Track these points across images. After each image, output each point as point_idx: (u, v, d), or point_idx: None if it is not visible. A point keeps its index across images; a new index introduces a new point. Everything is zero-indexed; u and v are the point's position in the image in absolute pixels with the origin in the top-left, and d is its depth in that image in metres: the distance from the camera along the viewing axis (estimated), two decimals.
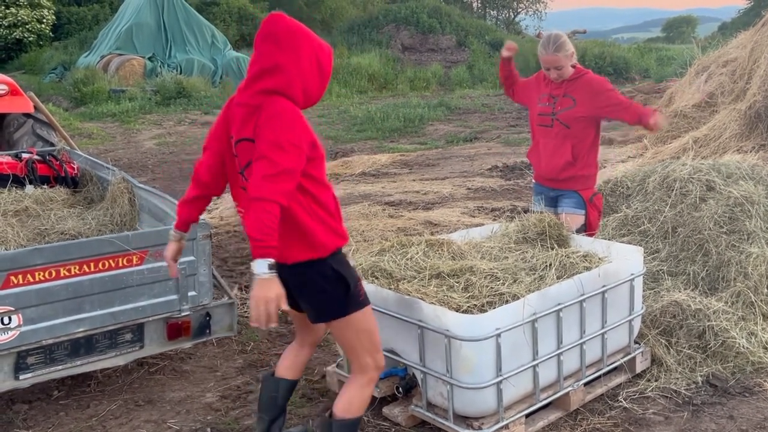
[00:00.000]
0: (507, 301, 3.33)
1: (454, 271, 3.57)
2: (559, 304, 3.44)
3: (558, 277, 3.60)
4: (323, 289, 2.82)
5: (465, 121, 15.77)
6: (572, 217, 4.41)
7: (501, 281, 3.50)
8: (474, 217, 7.64)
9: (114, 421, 3.75)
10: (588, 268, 3.68)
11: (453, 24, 28.36)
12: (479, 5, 42.75)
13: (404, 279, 3.57)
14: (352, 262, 3.73)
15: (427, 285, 3.48)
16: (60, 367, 3.58)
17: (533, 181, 4.73)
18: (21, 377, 3.48)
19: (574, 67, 4.43)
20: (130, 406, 3.91)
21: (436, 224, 7.29)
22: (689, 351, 4.06)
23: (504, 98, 19.97)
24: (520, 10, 43.51)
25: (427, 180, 9.83)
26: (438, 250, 3.81)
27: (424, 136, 14.32)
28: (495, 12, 43.56)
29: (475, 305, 3.32)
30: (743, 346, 4.04)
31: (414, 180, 9.85)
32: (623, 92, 15.58)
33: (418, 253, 3.74)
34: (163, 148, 13.11)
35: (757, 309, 4.29)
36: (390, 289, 3.47)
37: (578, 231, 4.35)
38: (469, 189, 9.18)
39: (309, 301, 2.90)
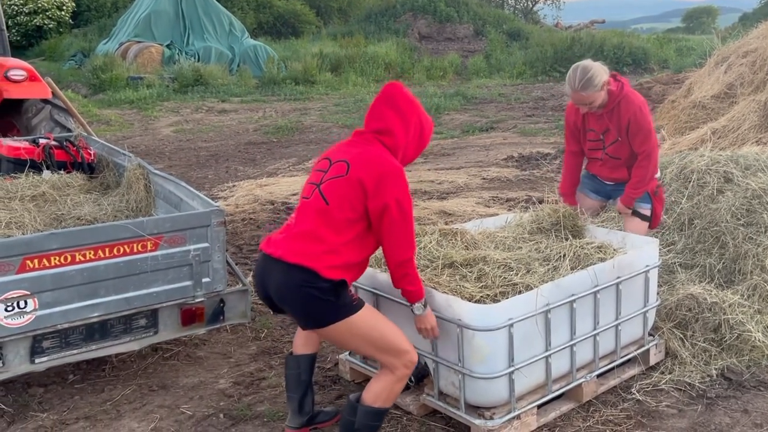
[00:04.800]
0: (520, 292, 3.32)
1: (467, 260, 3.56)
2: (572, 295, 3.42)
3: (572, 268, 3.58)
4: (316, 297, 2.88)
5: (481, 111, 15.69)
6: (638, 210, 4.34)
7: (514, 271, 3.49)
8: (489, 207, 7.62)
9: (128, 406, 3.78)
10: (603, 259, 3.66)
11: (470, 13, 28.17)
12: None
13: (417, 268, 3.56)
14: None
15: (440, 274, 3.47)
16: (75, 352, 3.62)
17: (585, 169, 4.56)
18: (37, 361, 3.52)
19: (609, 90, 4.07)
20: (144, 390, 3.94)
21: (450, 214, 7.27)
22: (704, 344, 4.03)
23: (521, 88, 19.88)
24: None
25: (443, 170, 9.80)
26: (451, 240, 3.80)
27: (440, 125, 14.25)
28: (513, 1, 43.16)
29: (488, 295, 3.31)
30: (759, 340, 4.01)
31: (429, 169, 9.82)
32: (641, 82, 15.48)
33: (431, 242, 3.74)
34: (180, 136, 13.16)
35: None
36: None
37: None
38: (484, 179, 9.15)
39: (294, 307, 2.96)
